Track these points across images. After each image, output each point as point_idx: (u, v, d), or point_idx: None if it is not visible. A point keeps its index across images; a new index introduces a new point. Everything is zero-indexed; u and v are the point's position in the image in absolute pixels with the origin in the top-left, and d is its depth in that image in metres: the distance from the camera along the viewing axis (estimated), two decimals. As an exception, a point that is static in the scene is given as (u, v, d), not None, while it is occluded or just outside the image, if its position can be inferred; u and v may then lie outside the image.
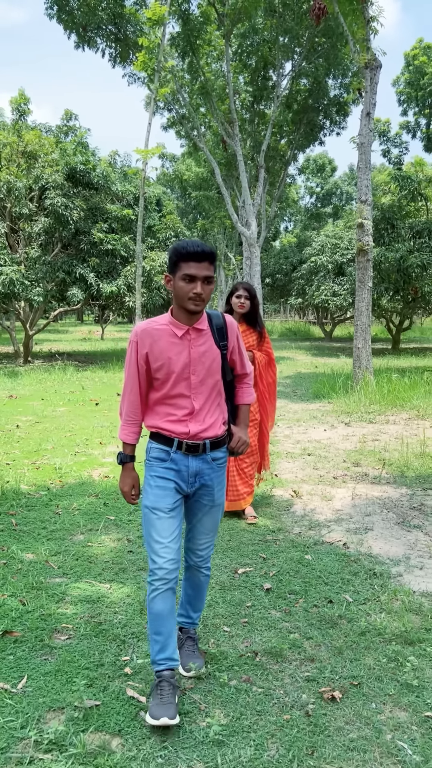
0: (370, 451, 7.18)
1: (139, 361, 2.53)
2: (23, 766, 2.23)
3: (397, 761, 2.27)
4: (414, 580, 3.79)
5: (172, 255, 2.44)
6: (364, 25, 10.78)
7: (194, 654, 2.84)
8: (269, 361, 4.96)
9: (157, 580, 2.53)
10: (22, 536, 4.49)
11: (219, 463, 2.68)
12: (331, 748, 2.34)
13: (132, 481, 2.68)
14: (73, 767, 2.23)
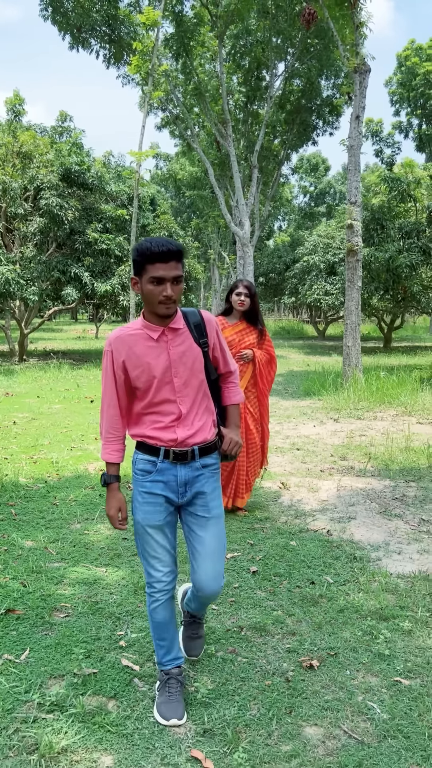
0: (356, 446, 7.43)
1: (116, 371, 2.39)
2: (28, 725, 2.46)
3: (367, 719, 2.51)
4: (391, 564, 4.04)
5: (136, 256, 2.29)
6: (353, 30, 11.02)
7: (197, 635, 2.88)
8: (270, 359, 4.91)
9: (157, 592, 2.51)
10: (21, 525, 4.71)
11: (211, 469, 2.54)
12: (308, 708, 2.58)
13: (117, 503, 2.50)
14: (73, 725, 2.45)
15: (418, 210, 15.98)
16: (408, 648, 3.01)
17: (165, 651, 2.59)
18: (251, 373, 4.78)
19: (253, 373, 4.78)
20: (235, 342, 4.68)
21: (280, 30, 23.42)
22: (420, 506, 5.26)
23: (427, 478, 6.06)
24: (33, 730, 2.42)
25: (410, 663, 2.88)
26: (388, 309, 20.60)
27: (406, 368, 14.91)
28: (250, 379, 4.79)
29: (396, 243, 15.47)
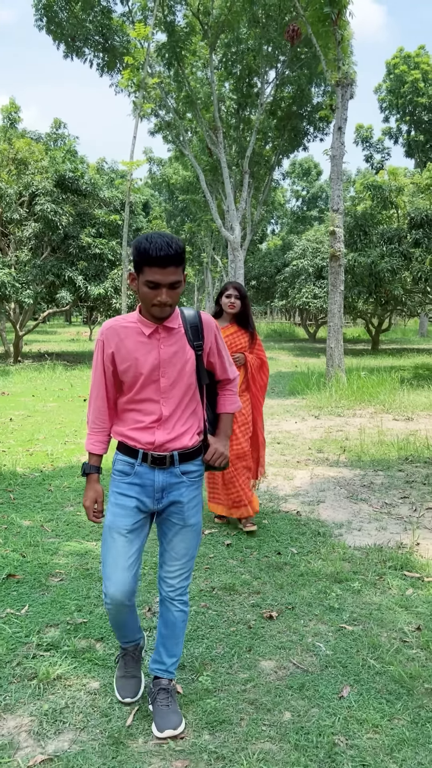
0: (333, 440, 7.92)
1: (105, 362, 2.35)
2: (28, 660, 2.93)
3: (313, 654, 2.99)
4: (351, 538, 4.53)
5: (135, 255, 2.20)
6: (335, 46, 11.54)
7: (169, 710, 2.46)
8: (261, 364, 4.78)
9: (109, 603, 2.42)
10: (19, 507, 5.18)
11: (192, 477, 2.45)
12: (265, 647, 3.06)
13: (95, 495, 2.44)
14: (66, 660, 2.92)
15: (399, 217, 16.53)
16: (355, 603, 3.49)
17: (122, 635, 2.62)
18: (243, 377, 4.65)
19: (245, 378, 4.65)
20: (226, 344, 4.68)
21: (270, 39, 23.94)
22: (385, 492, 5.75)
23: (395, 468, 6.56)
24: (32, 663, 2.89)
25: (355, 614, 3.37)
26: (374, 312, 21.14)
27: (391, 369, 15.44)
28: (242, 383, 4.66)
29: (378, 248, 16.02)
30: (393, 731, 2.43)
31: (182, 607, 2.51)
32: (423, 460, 6.86)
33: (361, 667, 2.87)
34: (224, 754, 2.32)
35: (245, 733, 2.44)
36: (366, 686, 2.73)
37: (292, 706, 2.60)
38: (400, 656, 2.94)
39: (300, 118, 27.98)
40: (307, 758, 2.29)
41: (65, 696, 2.67)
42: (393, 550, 4.25)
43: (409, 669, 2.83)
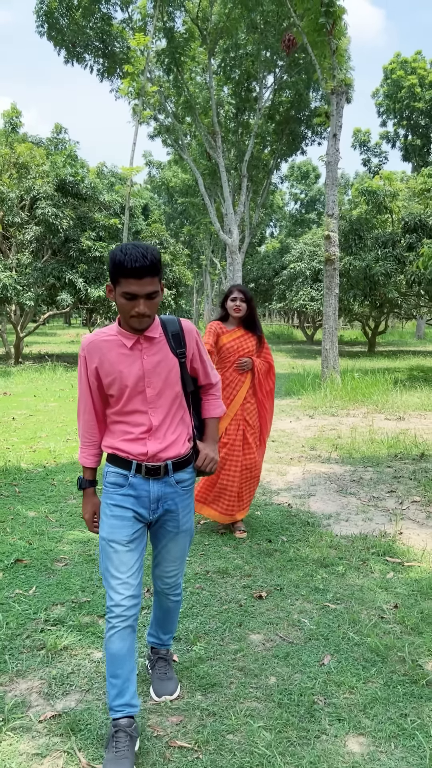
0: (326, 438, 8.19)
1: (90, 377, 2.35)
2: (37, 633, 3.20)
3: (298, 629, 3.26)
4: (338, 528, 4.80)
5: (110, 267, 2.19)
6: (330, 55, 11.84)
7: (166, 677, 2.68)
8: (269, 368, 4.67)
9: (115, 617, 2.33)
10: (24, 500, 5.44)
11: (184, 486, 2.47)
12: (254, 622, 3.33)
13: (93, 507, 2.50)
14: (72, 633, 3.19)
15: (394, 221, 16.85)
16: (339, 584, 3.77)
17: (117, 692, 2.34)
18: (249, 382, 4.55)
19: (252, 383, 4.56)
20: (233, 349, 4.47)
21: (268, 44, 24.26)
22: (373, 486, 6.02)
23: (384, 465, 6.83)
24: (41, 636, 3.16)
25: (339, 594, 3.64)
26: (370, 314, 21.44)
27: (386, 371, 15.72)
28: (249, 388, 4.55)
29: (373, 252, 16.33)
30: (367, 692, 2.70)
31: (177, 598, 2.66)
32: (411, 457, 7.13)
33: (341, 639, 3.14)
34: (215, 711, 2.59)
35: (234, 694, 2.71)
36: (345, 655, 3.00)
37: (277, 672, 2.87)
38: (377, 630, 3.22)
39: (298, 122, 28.28)
40: (289, 714, 2.56)
41: (71, 663, 2.93)
42: (377, 539, 4.52)
43: (384, 640, 3.10)
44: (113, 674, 2.35)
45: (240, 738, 2.43)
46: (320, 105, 27.05)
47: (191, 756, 2.33)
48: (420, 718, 2.53)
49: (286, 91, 26.75)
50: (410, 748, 2.37)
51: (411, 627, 3.24)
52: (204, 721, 2.53)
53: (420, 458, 7.06)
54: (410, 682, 2.77)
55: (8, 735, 2.44)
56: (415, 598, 3.56)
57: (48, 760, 2.32)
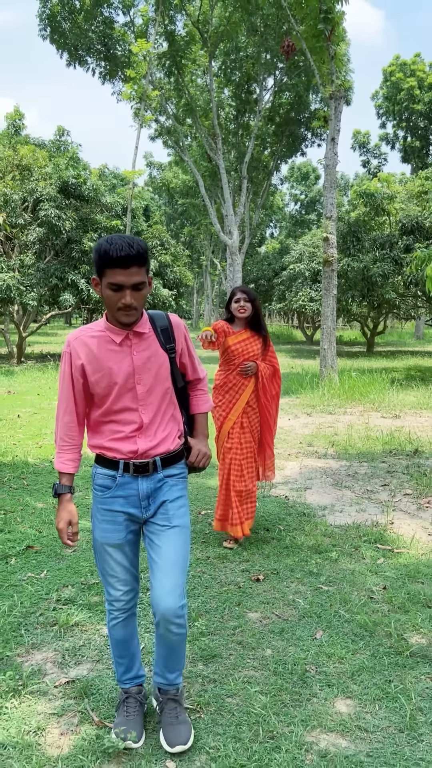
0: (323, 435, 8.43)
1: (74, 374, 2.25)
2: (49, 611, 3.43)
3: (293, 608, 3.50)
4: (333, 518, 5.04)
5: (95, 258, 2.14)
6: (329, 60, 12.07)
7: (178, 721, 2.39)
8: (274, 372, 4.56)
9: (116, 610, 2.41)
10: (33, 492, 5.68)
11: (176, 478, 2.40)
12: (251, 602, 3.57)
13: (68, 516, 2.30)
14: (82, 611, 3.43)
15: (391, 223, 17.09)
16: (332, 569, 4.00)
17: (124, 669, 2.50)
18: (253, 386, 4.46)
19: (255, 388, 4.46)
20: (239, 351, 4.38)
21: (268, 47, 24.48)
22: (368, 480, 6.26)
23: (379, 460, 7.07)
24: (53, 614, 3.39)
25: (331, 577, 3.87)
26: (368, 315, 21.69)
27: (384, 371, 15.96)
28: (252, 393, 4.46)
29: (371, 254, 16.58)
30: (355, 662, 2.94)
31: (180, 630, 2.32)
32: (405, 453, 7.37)
33: (332, 616, 3.38)
34: (215, 678, 2.83)
35: (233, 664, 2.94)
36: (336, 630, 3.23)
37: (273, 645, 3.11)
38: (366, 608, 3.45)
39: (298, 124, 28.51)
40: (284, 681, 2.80)
41: (82, 638, 3.17)
42: (369, 528, 4.76)
43: (373, 618, 3.34)
44: (120, 655, 2.47)
45: (238, 701, 2.66)
46: (320, 107, 27.26)
47: (194, 716, 2.56)
48: (403, 684, 2.76)
49: (286, 93, 26.98)
50: (393, 708, 2.61)
51: (398, 606, 3.47)
52: (205, 686, 2.77)
53: (414, 454, 7.30)
54: (395, 653, 3.01)
55: (27, 698, 2.67)
56: (403, 581, 3.80)
57: (64, 718, 2.55)
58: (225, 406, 4.46)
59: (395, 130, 38.54)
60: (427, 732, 2.46)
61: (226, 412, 4.45)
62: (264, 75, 25.90)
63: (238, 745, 2.38)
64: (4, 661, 2.95)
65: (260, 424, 4.54)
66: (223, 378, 4.49)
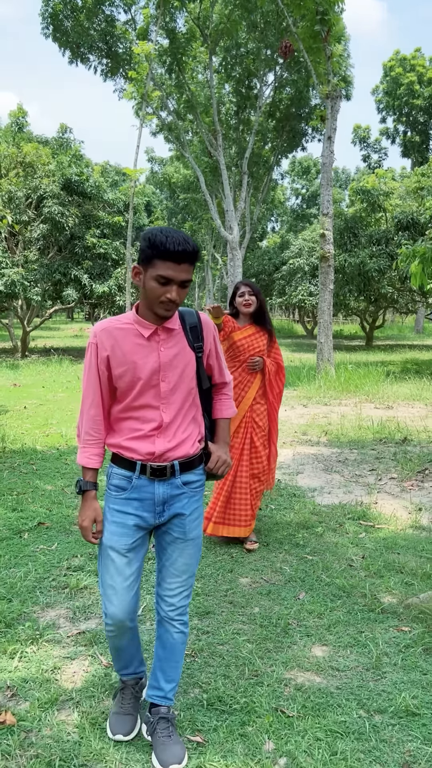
0: (317, 425, 8.81)
1: (100, 366, 2.18)
2: (61, 576, 3.82)
3: (280, 574, 3.89)
4: (321, 498, 5.43)
5: (146, 247, 2.05)
6: (325, 61, 12.39)
7: (171, 741, 2.29)
8: (279, 368, 4.48)
9: (111, 627, 2.31)
10: (42, 476, 6.07)
11: (193, 487, 2.30)
12: (243, 569, 3.96)
13: (93, 513, 2.25)
14: (90, 576, 3.81)
15: (387, 219, 17.42)
16: (317, 541, 4.39)
17: (123, 665, 2.48)
18: (260, 383, 4.37)
19: (262, 384, 4.37)
20: (244, 347, 4.27)
21: (268, 43, 24.72)
22: (357, 466, 6.64)
23: (369, 448, 7.45)
24: (64, 579, 3.79)
25: (316, 549, 4.26)
26: (366, 309, 22.04)
27: (381, 364, 16.33)
28: (259, 389, 4.37)
29: (367, 249, 16.93)
30: (332, 617, 3.33)
31: (182, 628, 2.37)
32: (394, 441, 7.75)
33: (315, 581, 3.76)
34: (208, 630, 3.22)
35: (224, 619, 3.33)
36: (317, 592, 3.62)
37: (260, 604, 3.49)
38: (345, 574, 3.84)
39: (298, 119, 28.73)
40: (268, 632, 3.19)
41: (91, 598, 3.56)
42: (354, 507, 5.15)
43: (351, 581, 3.72)
44: (117, 656, 2.44)
45: (228, 648, 3.05)
46: (319, 104, 27.47)
47: (189, 660, 2.95)
48: (372, 634, 3.15)
49: (287, 88, 27.22)
50: (362, 653, 3.00)
51: (374, 572, 3.86)
52: (199, 637, 3.16)
53: (402, 442, 7.67)
54: (368, 610, 3.40)
55: (44, 645, 3.07)
56: (381, 552, 4.19)
57: (76, 661, 2.94)
58: None
59: (395, 125, 38.75)
60: (390, 671, 2.85)
61: None
62: (264, 71, 26.14)
63: (227, 681, 2.77)
64: (23, 616, 3.34)
65: (268, 421, 4.42)
66: None
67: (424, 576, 3.78)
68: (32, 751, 2.33)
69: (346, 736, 2.41)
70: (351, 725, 2.47)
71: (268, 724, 2.47)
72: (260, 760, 2.29)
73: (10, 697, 2.65)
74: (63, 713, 2.55)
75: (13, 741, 2.37)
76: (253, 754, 2.32)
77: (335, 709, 2.57)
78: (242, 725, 2.48)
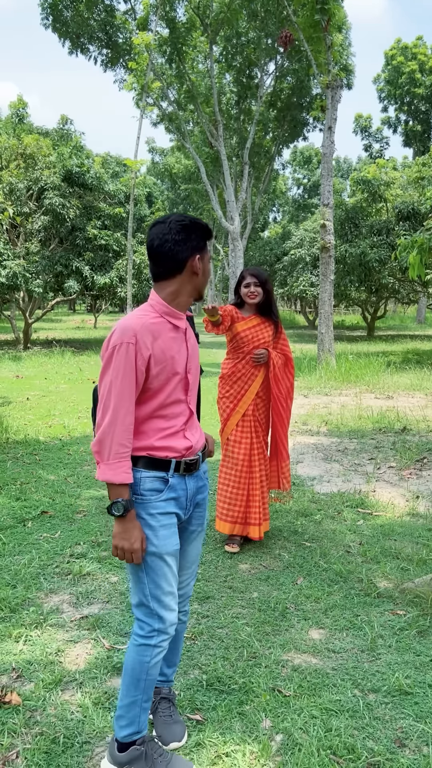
0: (317, 415, 8.87)
1: (140, 367, 2.00)
2: (64, 563, 3.91)
3: (279, 561, 3.96)
4: (320, 487, 5.50)
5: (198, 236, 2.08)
6: (325, 50, 12.35)
7: (172, 720, 2.38)
8: (286, 361, 4.23)
9: (166, 639, 2.13)
10: (45, 467, 6.15)
11: (206, 475, 2.30)
12: (242, 556, 4.03)
13: (141, 533, 2.05)
14: (93, 563, 3.89)
15: (388, 210, 17.41)
16: (316, 529, 4.47)
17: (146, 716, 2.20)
18: (263, 376, 4.15)
19: (266, 377, 4.14)
20: (248, 338, 4.07)
21: (269, 32, 24.59)
22: (356, 455, 6.71)
23: (368, 437, 7.51)
24: (68, 565, 3.87)
25: (314, 535, 4.34)
26: (368, 300, 22.05)
27: (382, 354, 16.37)
28: (262, 383, 4.15)
29: (368, 240, 16.93)
30: (329, 601, 3.41)
31: (184, 618, 2.38)
32: (394, 430, 7.81)
33: (312, 566, 3.84)
34: (208, 614, 3.30)
35: (224, 603, 3.41)
36: (315, 577, 3.70)
37: (259, 589, 3.57)
38: (342, 560, 3.92)
39: (299, 108, 28.60)
40: (267, 616, 3.27)
41: (93, 584, 3.64)
42: (352, 495, 5.22)
43: (347, 567, 3.80)
44: (148, 697, 2.16)
45: (227, 631, 3.13)
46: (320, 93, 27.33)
47: (189, 642, 3.03)
48: (368, 618, 3.23)
49: (288, 77, 27.09)
50: (358, 636, 3.08)
51: (371, 557, 3.94)
52: (200, 621, 3.24)
53: (401, 431, 7.74)
54: (364, 594, 3.48)
55: (48, 629, 3.15)
56: (378, 538, 4.26)
57: (79, 645, 3.03)
58: (233, 398, 4.17)
59: (397, 114, 38.53)
60: (385, 653, 2.92)
61: (234, 404, 4.17)
62: (265, 60, 26.02)
63: (226, 663, 2.85)
64: (27, 601, 3.42)
65: (272, 418, 4.23)
66: (231, 367, 4.17)
67: (420, 561, 3.86)
68: (37, 729, 2.41)
69: (341, 714, 2.49)
70: (345, 703, 2.55)
71: (266, 702, 2.55)
72: (257, 736, 2.37)
73: (15, 678, 2.74)
74: (67, 693, 2.64)
75: (19, 720, 2.45)
76: (250, 731, 2.41)
77: (330, 689, 2.65)
78: (240, 704, 2.56)
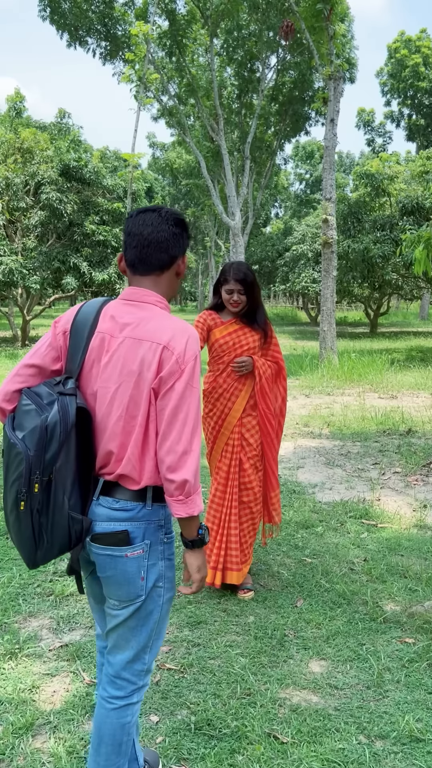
0: (319, 416, 8.59)
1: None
2: (46, 583, 3.63)
3: (276, 579, 3.69)
4: (322, 495, 5.22)
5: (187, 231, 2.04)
6: (327, 41, 12.03)
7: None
8: (278, 370, 3.60)
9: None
10: (34, 472, 5.88)
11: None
12: (238, 574, 3.76)
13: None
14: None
15: (392, 204, 17.08)
16: (317, 542, 4.19)
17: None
18: (249, 390, 3.46)
19: (253, 391, 3.46)
20: (228, 345, 3.43)
21: (270, 25, 24.20)
22: (359, 459, 6.43)
23: (372, 440, 7.23)
24: (50, 585, 3.60)
25: (315, 550, 4.06)
26: (371, 296, 21.74)
27: (385, 351, 16.06)
28: (249, 399, 3.47)
29: (371, 235, 16.62)
30: (331, 627, 3.13)
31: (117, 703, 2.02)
32: (398, 432, 7.53)
33: (313, 586, 3.57)
34: (200, 642, 3.02)
35: (217, 629, 3.14)
36: (316, 599, 3.42)
37: (255, 613, 3.30)
38: (346, 579, 3.64)
39: (301, 102, 28.22)
40: (263, 644, 2.99)
41: (76, 606, 3.37)
42: (356, 504, 4.94)
43: (351, 587, 3.52)
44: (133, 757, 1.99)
45: (219, 662, 2.86)
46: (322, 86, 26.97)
47: (177, 676, 2.76)
48: (374, 647, 2.95)
49: (289, 71, 26.72)
50: (363, 668, 2.80)
51: (376, 576, 3.66)
52: (190, 650, 2.96)
53: (406, 434, 7.45)
54: (370, 619, 3.20)
55: (23, 660, 2.88)
56: (384, 554, 3.98)
57: (57, 678, 2.75)
58: (216, 417, 3.50)
59: (400, 108, 38.12)
60: (393, 689, 2.65)
61: (218, 425, 3.50)
62: (266, 53, 25.63)
63: (217, 701, 2.58)
64: (2, 627, 3.15)
65: (261, 436, 3.50)
66: (211, 382, 3.50)
67: (429, 581, 3.58)
68: (3, 784, 2.15)
69: (345, 766, 2.22)
70: (350, 753, 2.28)
71: (260, 753, 2.28)
72: (250, 794, 2.10)
73: (-17, 720, 2.47)
74: (39, 740, 2.37)
75: (-17, 772, 2.18)
76: (242, 787, 2.14)
77: (333, 734, 2.38)
78: (232, 753, 2.29)
